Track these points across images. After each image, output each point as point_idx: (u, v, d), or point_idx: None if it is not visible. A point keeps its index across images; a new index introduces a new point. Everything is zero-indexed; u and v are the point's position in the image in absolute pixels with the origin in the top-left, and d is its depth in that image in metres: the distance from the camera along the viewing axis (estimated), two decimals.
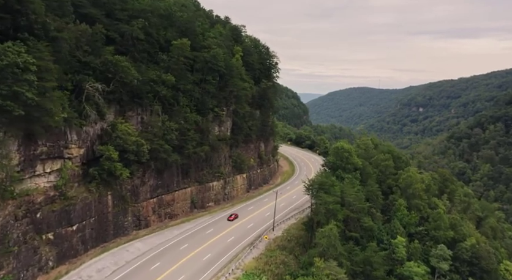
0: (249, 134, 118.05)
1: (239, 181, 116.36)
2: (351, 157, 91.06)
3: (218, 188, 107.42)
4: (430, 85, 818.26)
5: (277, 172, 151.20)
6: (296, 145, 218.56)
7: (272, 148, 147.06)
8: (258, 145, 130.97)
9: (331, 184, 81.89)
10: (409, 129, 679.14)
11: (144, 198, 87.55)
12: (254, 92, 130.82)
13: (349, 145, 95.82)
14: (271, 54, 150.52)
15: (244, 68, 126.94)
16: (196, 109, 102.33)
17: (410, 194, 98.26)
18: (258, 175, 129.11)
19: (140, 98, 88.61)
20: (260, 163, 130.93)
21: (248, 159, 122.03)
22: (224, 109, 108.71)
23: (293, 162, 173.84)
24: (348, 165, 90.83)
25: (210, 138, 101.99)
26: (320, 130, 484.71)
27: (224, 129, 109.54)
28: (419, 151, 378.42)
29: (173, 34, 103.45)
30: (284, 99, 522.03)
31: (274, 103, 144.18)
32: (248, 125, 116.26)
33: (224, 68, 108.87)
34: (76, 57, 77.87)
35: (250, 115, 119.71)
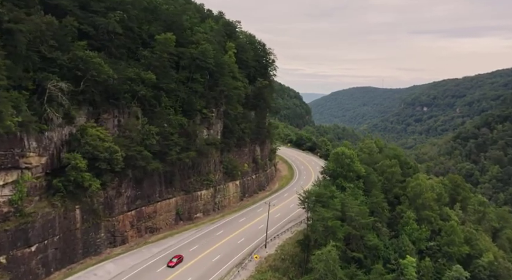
0: (242, 137, 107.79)
1: (231, 189, 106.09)
2: (353, 164, 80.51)
3: (207, 197, 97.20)
4: (434, 84, 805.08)
5: (274, 177, 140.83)
6: (297, 147, 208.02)
7: (269, 151, 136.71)
8: (253, 148, 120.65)
9: (330, 196, 71.46)
10: (413, 129, 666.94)
11: (120, 211, 77.45)
12: (249, 91, 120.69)
13: (351, 151, 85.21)
14: (267, 51, 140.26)
15: (237, 65, 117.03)
16: (182, 111, 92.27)
17: (420, 204, 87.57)
18: (253, 181, 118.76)
19: (116, 98, 78.71)
20: (255, 168, 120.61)
21: (241, 164, 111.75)
22: (213, 110, 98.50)
23: (292, 165, 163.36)
24: (350, 173, 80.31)
25: (197, 142, 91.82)
26: (323, 130, 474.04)
27: (214, 132, 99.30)
28: (425, 152, 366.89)
29: (157, 29, 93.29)
30: (286, 99, 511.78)
31: (271, 103, 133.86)
32: (241, 128, 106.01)
33: (214, 66, 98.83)
34: (41, 52, 68.12)
35: (243, 117, 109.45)
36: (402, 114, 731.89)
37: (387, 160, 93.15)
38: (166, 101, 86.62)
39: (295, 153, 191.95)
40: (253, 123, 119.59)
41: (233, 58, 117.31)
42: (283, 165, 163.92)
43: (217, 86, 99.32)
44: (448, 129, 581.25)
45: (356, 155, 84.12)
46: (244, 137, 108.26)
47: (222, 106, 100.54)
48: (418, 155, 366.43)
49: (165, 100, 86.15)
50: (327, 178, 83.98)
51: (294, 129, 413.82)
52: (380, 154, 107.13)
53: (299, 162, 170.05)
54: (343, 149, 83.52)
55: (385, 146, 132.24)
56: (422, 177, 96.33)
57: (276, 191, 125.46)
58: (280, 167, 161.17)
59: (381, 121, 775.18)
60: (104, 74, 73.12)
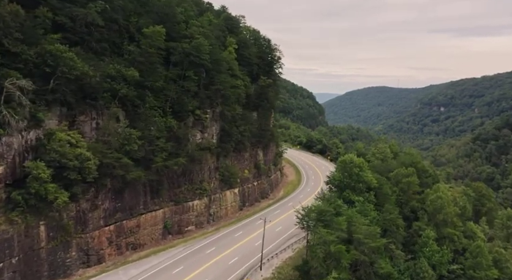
0: (241, 141, 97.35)
1: (228, 198, 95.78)
2: (363, 173, 69.23)
3: (200, 208, 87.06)
4: (451, 83, 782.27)
5: (280, 183, 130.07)
6: (307, 150, 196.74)
7: (273, 155, 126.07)
8: (255, 153, 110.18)
9: (334, 214, 60.42)
10: (430, 129, 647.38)
11: (95, 226, 67.80)
12: (251, 90, 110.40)
13: (360, 159, 73.77)
14: (272, 47, 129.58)
15: (238, 62, 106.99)
16: (173, 112, 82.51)
17: (441, 220, 75.82)
18: (255, 188, 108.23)
19: (94, 98, 69.27)
20: (257, 174, 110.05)
21: (241, 170, 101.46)
22: (208, 112, 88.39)
23: (300, 170, 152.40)
24: (360, 185, 69.06)
25: (188, 147, 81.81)
26: (336, 131, 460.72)
27: (208, 135, 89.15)
28: (442, 154, 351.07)
29: (147, 21, 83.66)
30: (299, 100, 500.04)
31: (276, 103, 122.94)
32: (239, 130, 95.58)
33: (209, 62, 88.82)
34: (4, 46, 59.12)
35: (243, 118, 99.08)
36: (418, 114, 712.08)
37: (402, 168, 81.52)
38: (152, 101, 76.79)
39: (304, 156, 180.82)
40: (254, 125, 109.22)
41: (233, 54, 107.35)
42: (290, 169, 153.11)
43: (212, 84, 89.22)
44: (466, 130, 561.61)
45: (366, 164, 72.63)
46: (244, 140, 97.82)
47: (217, 107, 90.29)
48: (435, 157, 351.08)
49: (151, 100, 76.31)
50: (334, 189, 72.79)
51: (307, 130, 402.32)
52: (395, 160, 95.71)
53: (308, 166, 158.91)
54: (351, 156, 72.22)
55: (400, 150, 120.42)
56: (443, 188, 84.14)
57: (280, 199, 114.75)
58: (287, 171, 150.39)
59: (397, 122, 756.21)
60: (77, 70, 63.77)
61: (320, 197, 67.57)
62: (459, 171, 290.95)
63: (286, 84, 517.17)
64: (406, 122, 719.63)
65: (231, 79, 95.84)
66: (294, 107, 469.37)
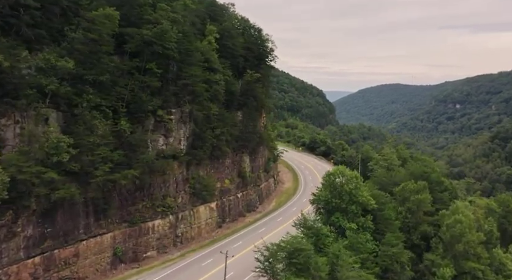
0: (218, 146, 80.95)
1: (202, 215, 79.63)
2: (357, 192, 52.10)
3: (163, 229, 71.11)
4: (467, 80, 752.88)
5: (273, 192, 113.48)
6: (310, 151, 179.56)
7: (264, 161, 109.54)
8: (239, 159, 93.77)
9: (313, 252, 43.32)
10: (445, 127, 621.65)
11: (12, 259, 52.28)
12: (236, 87, 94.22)
13: (353, 173, 56.34)
14: (263, 38, 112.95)
15: (219, 54, 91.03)
16: (129, 113, 66.78)
17: (460, 252, 58.20)
18: (239, 201, 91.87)
19: (16, 97, 54.04)
20: (242, 184, 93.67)
21: (219, 180, 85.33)
22: (173, 112, 72.33)
23: (298, 175, 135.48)
24: (353, 207, 51.91)
25: (146, 156, 65.70)
26: (347, 130, 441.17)
27: (174, 140, 73.09)
28: (458, 154, 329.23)
29: (101, 3, 68.04)
30: (308, 98, 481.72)
31: (266, 102, 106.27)
32: (215, 133, 79.17)
33: (176, 52, 72.92)
34: None
35: (221, 119, 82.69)
36: (433, 112, 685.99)
37: (411, 182, 63.94)
38: (95, 99, 60.84)
39: (306, 159, 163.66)
40: (239, 127, 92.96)
41: (214, 45, 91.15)
42: (287, 175, 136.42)
43: (180, 79, 73.21)
44: (483, 127, 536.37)
45: (360, 179, 55.19)
46: (221, 145, 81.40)
47: (186, 106, 74.04)
48: (451, 157, 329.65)
49: (92, 98, 60.40)
50: (320, 210, 55.65)
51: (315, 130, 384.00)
52: (403, 168, 78.51)
53: (308, 171, 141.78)
54: (341, 169, 55.11)
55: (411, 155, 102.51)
56: (463, 207, 66.10)
57: (270, 213, 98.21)
58: (284, 177, 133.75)
59: (411, 120, 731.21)
60: None
61: (301, 223, 50.86)
62: (476, 172, 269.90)
63: (295, 81, 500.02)
64: (420, 120, 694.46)
65: (204, 72, 79.62)
66: (303, 106, 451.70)
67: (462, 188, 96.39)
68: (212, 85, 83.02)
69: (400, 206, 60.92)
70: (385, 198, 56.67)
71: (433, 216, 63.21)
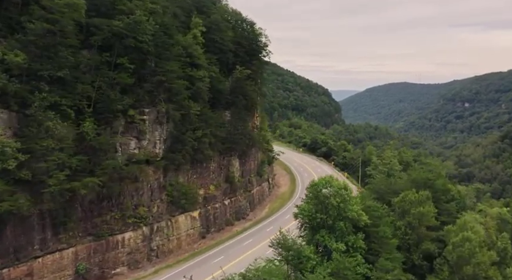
0: (200, 149, 73.13)
1: (182, 225, 71.92)
2: (346, 205, 43.56)
3: (135, 242, 63.52)
4: (476, 78, 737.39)
5: (267, 198, 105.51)
6: (311, 152, 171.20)
7: (257, 164, 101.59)
8: (227, 163, 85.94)
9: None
10: (454, 126, 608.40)
11: None
12: (225, 84, 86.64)
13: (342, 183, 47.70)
14: (256, 31, 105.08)
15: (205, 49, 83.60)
16: (94, 112, 59.30)
17: (469, 275, 49.28)
18: (226, 208, 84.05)
19: None
20: (230, 190, 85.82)
21: (203, 187, 77.56)
22: (146, 112, 64.67)
23: (296, 178, 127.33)
24: (341, 224, 43.53)
25: (111, 162, 58.10)
26: (353, 130, 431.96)
27: (149, 143, 65.43)
28: (467, 154, 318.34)
29: None
30: (313, 97, 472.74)
31: (258, 100, 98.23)
32: (197, 135, 71.38)
33: (151, 46, 65.51)
34: None
35: (204, 119, 74.92)
36: (441, 111, 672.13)
37: (411, 192, 55.26)
38: (51, 97, 53.28)
39: (306, 160, 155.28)
40: (227, 128, 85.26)
41: (199, 39, 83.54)
42: (285, 178, 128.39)
43: (154, 75, 65.59)
44: (492, 126, 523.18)
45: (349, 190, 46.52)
46: (203, 148, 73.50)
47: (161, 105, 66.28)
48: (460, 157, 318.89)
49: (47, 97, 52.83)
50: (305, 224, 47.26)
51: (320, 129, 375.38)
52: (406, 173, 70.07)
53: (307, 173, 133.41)
54: (328, 179, 46.78)
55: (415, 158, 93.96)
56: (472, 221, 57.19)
57: (262, 220, 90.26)
58: (281, 180, 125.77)
59: (419, 119, 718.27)
60: None
61: (279, 242, 42.82)
62: (486, 173, 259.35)
63: (300, 80, 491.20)
64: (428, 119, 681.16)
65: (184, 68, 72.03)
66: (308, 105, 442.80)
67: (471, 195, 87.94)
68: (195, 82, 75.54)
69: (399, 220, 52.46)
70: (381, 212, 48.29)
71: (437, 231, 54.44)
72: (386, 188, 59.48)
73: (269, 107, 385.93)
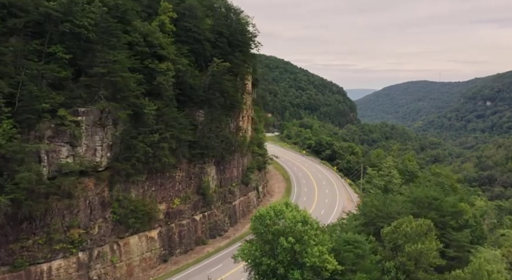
0: (158, 157, 60.09)
1: (134, 248, 59.10)
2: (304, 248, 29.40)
3: (67, 272, 51.01)
4: (498, 76, 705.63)
5: (254, 209, 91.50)
6: (315, 155, 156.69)
7: (242, 171, 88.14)
8: (200, 171, 72.71)
9: None
10: (474, 126, 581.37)
11: None
12: (200, 79, 73.76)
13: (301, 213, 33.83)
14: (242, 21, 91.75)
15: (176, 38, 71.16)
16: (16, 114, 47.17)
17: None
18: (196, 225, 70.89)
19: None
20: (203, 203, 72.60)
21: (165, 200, 64.55)
22: (81, 111, 52.03)
23: (292, 185, 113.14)
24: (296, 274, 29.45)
25: (28, 175, 45.56)
26: (367, 129, 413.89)
27: (87, 150, 52.86)
28: (489, 155, 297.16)
29: None
30: (327, 95, 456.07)
31: (239, 98, 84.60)
32: (152, 140, 58.37)
33: (95, 32, 53.14)
34: None
35: (165, 121, 61.88)
36: (462, 110, 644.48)
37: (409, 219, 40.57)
38: None
39: (307, 164, 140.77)
40: (201, 130, 72.21)
41: (169, 26, 70.92)
42: (280, 185, 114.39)
43: (91, 67, 52.95)
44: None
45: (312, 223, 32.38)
46: (161, 155, 60.38)
47: (101, 103, 53.49)
48: (480, 159, 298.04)
49: None
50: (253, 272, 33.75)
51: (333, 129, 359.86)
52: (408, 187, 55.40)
53: (306, 180, 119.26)
54: (278, 208, 32.68)
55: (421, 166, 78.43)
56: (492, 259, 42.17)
57: (243, 237, 76.54)
58: (276, 187, 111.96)
59: (438, 118, 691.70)
60: None
61: None
62: (509, 177, 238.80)
63: (314, 79, 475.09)
64: (448, 118, 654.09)
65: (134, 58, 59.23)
66: (321, 104, 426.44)
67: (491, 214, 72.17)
68: (156, 75, 62.85)
69: (389, 260, 38.27)
70: (364, 249, 34.35)
71: (442, 273, 39.86)
72: (377, 210, 45.35)
73: (281, 106, 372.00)
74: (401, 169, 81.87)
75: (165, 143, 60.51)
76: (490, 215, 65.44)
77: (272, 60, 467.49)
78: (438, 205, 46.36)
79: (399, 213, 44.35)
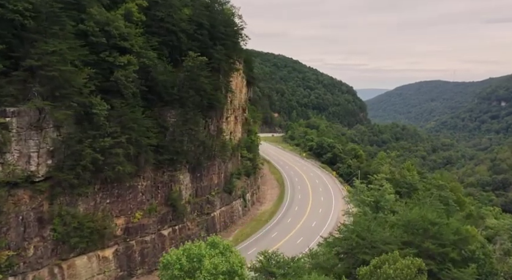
0: (111, 164, 51.28)
1: (82, 272, 50.44)
2: None
3: None
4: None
5: (238, 220, 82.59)
6: (316, 158, 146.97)
7: (225, 178, 79.10)
8: (169, 179, 63.84)
9: None
10: (489, 126, 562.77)
11: None
12: (173, 75, 65.35)
13: (237, 258, 24.13)
14: (228, 12, 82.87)
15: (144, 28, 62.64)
16: None
17: None
18: (165, 241, 62.02)
19: None
20: (172, 215, 63.70)
21: (125, 213, 55.88)
22: (8, 112, 43.49)
23: (286, 191, 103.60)
24: None
25: None
26: (377, 130, 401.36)
27: (20, 158, 44.38)
28: (503, 158, 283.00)
29: None
30: (336, 95, 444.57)
31: (221, 97, 75.44)
32: (102, 145, 49.56)
33: (31, 18, 44.78)
34: None
35: (121, 122, 53.08)
36: (476, 110, 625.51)
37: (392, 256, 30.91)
38: None
39: (305, 168, 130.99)
40: (173, 133, 63.45)
41: (137, 15, 62.40)
42: (273, 191, 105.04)
43: (23, 59, 44.46)
44: None
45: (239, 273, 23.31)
46: (114, 163, 51.54)
47: (34, 101, 44.87)
48: (494, 162, 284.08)
49: None
50: None
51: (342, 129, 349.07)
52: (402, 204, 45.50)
53: (302, 185, 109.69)
54: (197, 251, 23.36)
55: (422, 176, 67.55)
56: None
57: None
58: (268, 194, 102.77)
59: (451, 118, 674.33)
60: None
61: None
62: None
63: (323, 78, 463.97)
64: (461, 119, 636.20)
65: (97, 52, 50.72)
66: (330, 104, 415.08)
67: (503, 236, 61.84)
68: (114, 70, 54.25)
69: None
70: None
71: None
72: (359, 237, 35.85)
73: (287, 106, 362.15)
74: (398, 180, 71.68)
75: (119, 149, 51.64)
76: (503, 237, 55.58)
77: (281, 59, 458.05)
78: (436, 231, 36.66)
79: (385, 242, 34.92)
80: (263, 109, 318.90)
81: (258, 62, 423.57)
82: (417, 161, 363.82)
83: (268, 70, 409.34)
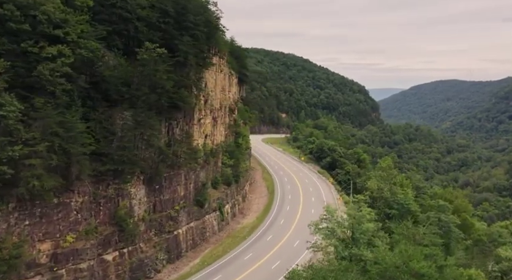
0: (24, 179, 40.86)
1: None
2: None
3: None
4: None
5: (211, 237, 71.44)
6: (316, 162, 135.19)
7: (195, 189, 68.25)
8: (116, 194, 53.21)
9: None
10: (506, 127, 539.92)
11: None
12: (126, 70, 55.12)
13: None
14: None
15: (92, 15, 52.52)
16: None
17: None
18: (108, 268, 51.40)
19: None
20: (119, 237, 53.08)
21: (54, 237, 45.48)
22: None
23: (274, 201, 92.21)
24: None
25: None
26: (389, 131, 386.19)
27: None
28: None
29: None
30: (347, 94, 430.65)
31: (188, 97, 64.52)
32: (9, 155, 39.16)
33: None
34: None
35: (40, 127, 42.66)
36: (493, 110, 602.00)
37: None
38: None
39: (302, 174, 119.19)
40: (122, 138, 52.92)
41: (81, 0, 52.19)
42: (261, 200, 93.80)
43: None
44: None
45: None
46: (29, 178, 41.09)
47: None
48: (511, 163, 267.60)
49: None
50: None
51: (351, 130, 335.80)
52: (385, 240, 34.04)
53: (293, 194, 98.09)
54: None
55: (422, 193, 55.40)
56: None
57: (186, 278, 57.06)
58: (255, 204, 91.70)
59: (467, 118, 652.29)
60: None
61: None
62: None
63: (334, 77, 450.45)
64: (478, 119, 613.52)
65: (19, 42, 40.48)
66: (340, 103, 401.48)
67: None
68: (34, 63, 44.03)
69: None
70: None
71: None
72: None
73: (296, 106, 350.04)
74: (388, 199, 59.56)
75: (37, 159, 41.25)
76: None
77: (290, 58, 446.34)
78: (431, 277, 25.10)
79: None
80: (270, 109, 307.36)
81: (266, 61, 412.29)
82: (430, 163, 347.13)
83: (277, 69, 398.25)
